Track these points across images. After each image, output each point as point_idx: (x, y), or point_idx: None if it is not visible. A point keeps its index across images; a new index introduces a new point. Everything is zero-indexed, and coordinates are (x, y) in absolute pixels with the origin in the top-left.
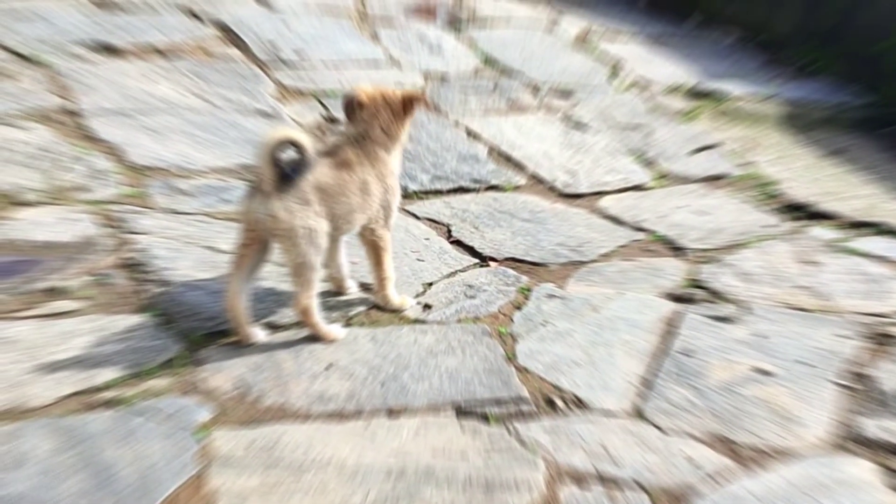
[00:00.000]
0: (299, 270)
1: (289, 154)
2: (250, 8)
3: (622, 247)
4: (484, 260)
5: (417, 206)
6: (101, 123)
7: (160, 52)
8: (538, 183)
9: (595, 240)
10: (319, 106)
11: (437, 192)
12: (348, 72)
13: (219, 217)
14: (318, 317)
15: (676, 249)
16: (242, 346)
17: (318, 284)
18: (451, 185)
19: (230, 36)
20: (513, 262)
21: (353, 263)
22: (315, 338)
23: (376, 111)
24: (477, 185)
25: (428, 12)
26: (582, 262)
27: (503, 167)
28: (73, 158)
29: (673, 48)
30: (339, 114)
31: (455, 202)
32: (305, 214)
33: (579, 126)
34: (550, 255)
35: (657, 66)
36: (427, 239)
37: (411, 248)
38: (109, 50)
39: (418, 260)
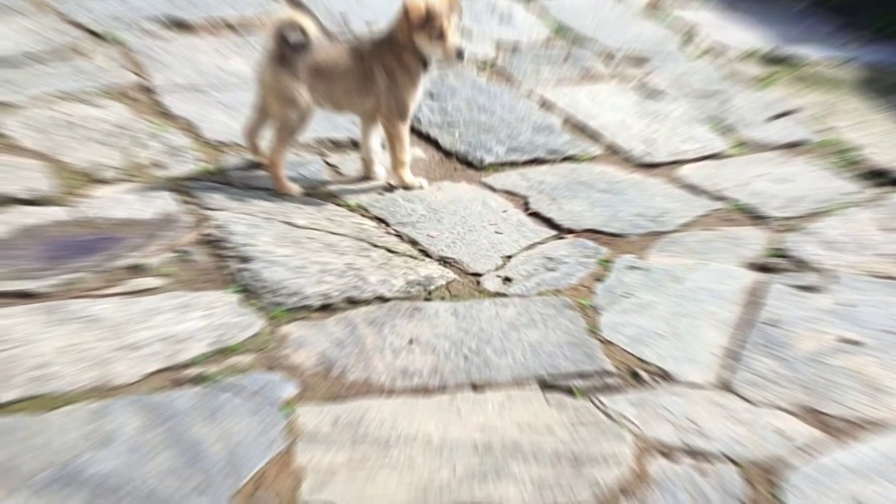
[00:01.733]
0: (279, 128)
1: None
2: None
3: (702, 216)
4: (562, 232)
5: (493, 178)
6: (175, 100)
7: (231, 26)
8: (614, 153)
9: (674, 210)
10: None
11: (513, 164)
12: None
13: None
14: (282, 171)
15: (757, 218)
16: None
17: (290, 147)
18: (526, 157)
19: (301, 8)
20: (592, 233)
21: (430, 237)
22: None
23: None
24: (553, 156)
25: None
26: (662, 233)
27: (578, 137)
28: (149, 135)
29: (746, 13)
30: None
31: (531, 173)
32: (291, 84)
33: (654, 94)
34: (629, 225)
35: (731, 31)
36: (504, 211)
37: (489, 220)
38: (181, 25)
39: (497, 233)
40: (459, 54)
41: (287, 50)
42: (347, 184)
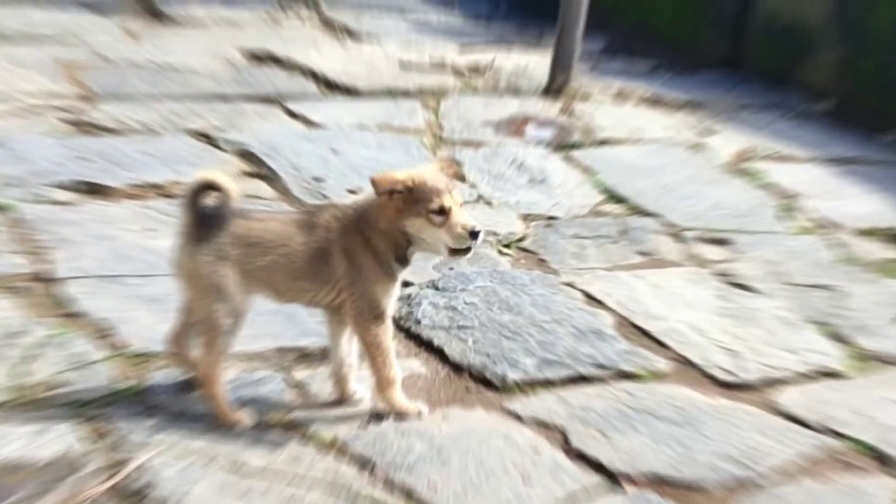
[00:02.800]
0: (202, 328)
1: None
2: (284, 127)
3: (810, 459)
4: (615, 479)
5: (521, 404)
6: (82, 292)
7: (162, 190)
8: (688, 368)
9: (770, 449)
10: None
11: (548, 384)
12: None
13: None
14: (221, 391)
15: (888, 463)
16: None
17: (226, 356)
18: (565, 373)
19: (257, 166)
20: (657, 482)
21: (431, 488)
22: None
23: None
24: (602, 373)
25: (524, 130)
26: (754, 483)
27: (638, 346)
28: (45, 342)
29: (865, 176)
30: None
31: (572, 397)
32: (214, 266)
33: (742, 286)
34: (708, 471)
35: (846, 200)
36: (535, 450)
37: (513, 462)
38: (94, 190)
39: (524, 483)
40: (474, 235)
41: (203, 222)
42: (319, 410)
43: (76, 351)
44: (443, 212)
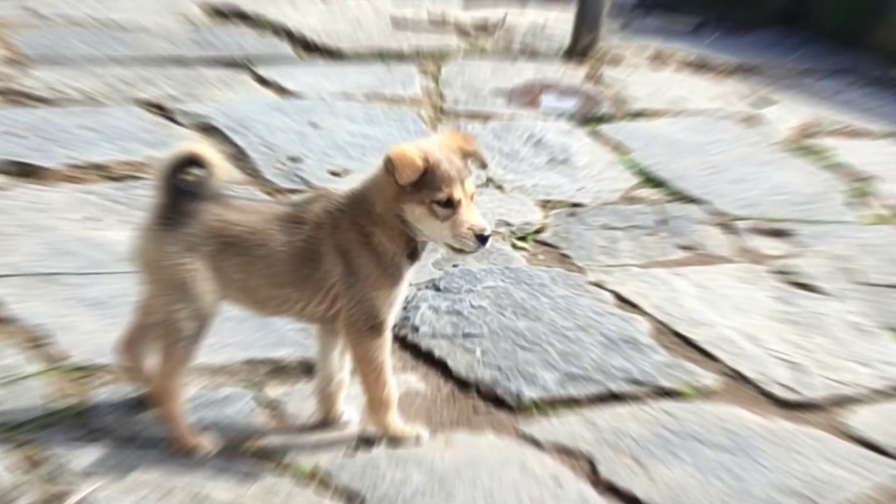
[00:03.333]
0: (160, 331)
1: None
2: (253, 97)
3: (886, 491)
4: None
5: (539, 427)
6: (12, 293)
7: (106, 172)
8: (740, 384)
9: (839, 480)
10: None
11: (572, 402)
12: None
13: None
14: (180, 410)
15: None
16: None
17: (186, 367)
18: (593, 390)
19: (221, 143)
20: None
21: None
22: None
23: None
24: (637, 390)
25: (542, 100)
26: None
27: (680, 357)
28: None
29: None
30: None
31: (601, 418)
32: (181, 258)
33: (805, 286)
34: None
35: None
36: (556, 482)
37: (530, 497)
38: (26, 172)
39: None
40: (482, 239)
41: (178, 203)
42: (297, 434)
43: (4, 364)
44: (450, 204)
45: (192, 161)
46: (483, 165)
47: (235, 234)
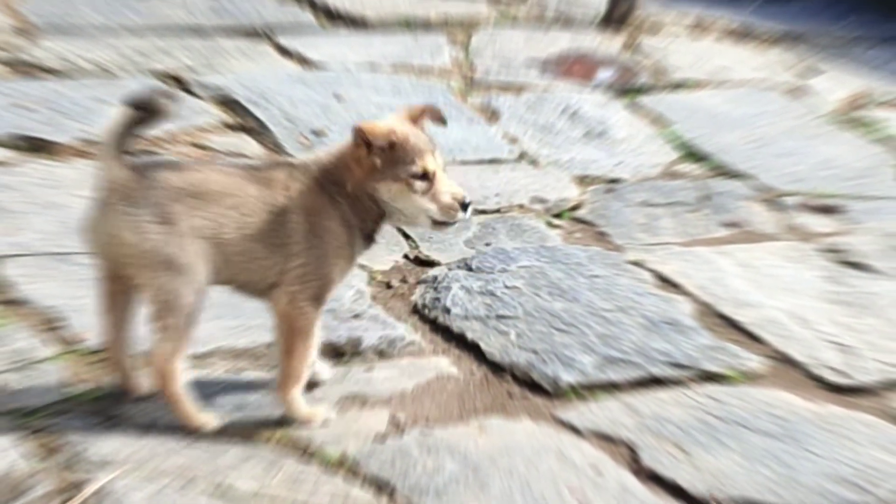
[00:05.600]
0: (160, 313)
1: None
2: (274, 68)
3: None
4: None
5: (577, 413)
6: (24, 274)
7: None
8: (788, 368)
9: (892, 467)
10: (403, 241)
11: (611, 387)
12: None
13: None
14: (181, 387)
15: None
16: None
17: (189, 344)
18: (633, 374)
19: (241, 117)
20: None
21: None
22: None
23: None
24: (680, 374)
25: (582, 70)
26: None
27: (725, 340)
28: None
29: None
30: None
31: (643, 404)
32: (164, 234)
33: (856, 264)
34: (815, 495)
35: None
36: (596, 470)
37: (568, 486)
38: (37, 147)
39: None
40: (464, 206)
41: (137, 175)
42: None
43: (17, 347)
44: (426, 177)
45: (142, 109)
46: (442, 122)
47: (204, 190)
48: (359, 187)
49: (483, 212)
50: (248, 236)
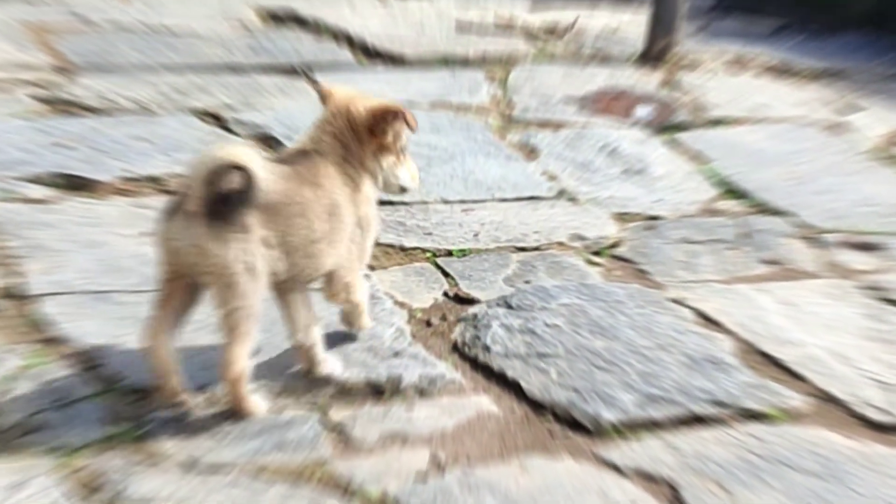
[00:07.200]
0: (235, 321)
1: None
2: (312, 105)
3: None
4: None
5: (619, 451)
6: (64, 312)
7: (160, 185)
8: (830, 406)
9: None
10: (442, 278)
11: (652, 425)
12: (484, 214)
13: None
14: (247, 389)
15: None
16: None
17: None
18: (675, 412)
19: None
20: None
21: None
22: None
23: (341, 123)
24: (721, 412)
25: (621, 107)
26: None
27: (766, 378)
28: (17, 376)
29: None
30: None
31: (684, 442)
32: (245, 244)
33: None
34: None
35: None
36: None
37: None
38: (76, 185)
39: None
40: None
41: (223, 196)
42: (363, 459)
43: (58, 386)
44: (404, 151)
45: (233, 169)
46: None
47: (286, 200)
48: (373, 160)
49: (522, 249)
50: (314, 240)
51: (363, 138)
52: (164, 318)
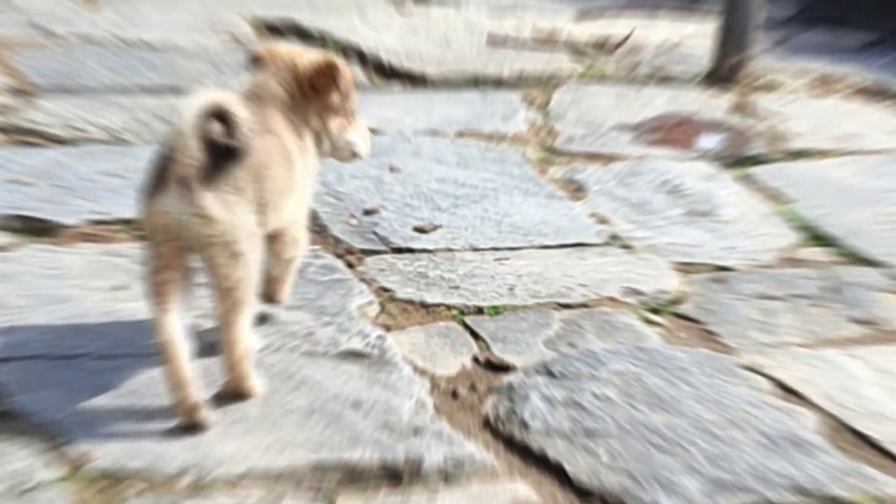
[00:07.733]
0: (240, 295)
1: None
2: None
3: None
4: None
5: None
6: (21, 381)
7: (135, 228)
8: None
9: None
10: (471, 341)
11: None
12: (521, 264)
13: None
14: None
15: None
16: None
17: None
18: (748, 500)
19: None
20: None
21: None
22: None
23: (286, 75)
24: (803, 501)
25: (684, 136)
26: None
27: (858, 460)
28: None
29: None
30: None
31: None
32: (243, 206)
33: None
34: None
35: None
36: None
37: None
38: (37, 229)
39: None
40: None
41: (216, 158)
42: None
43: (14, 469)
44: (353, 113)
45: (216, 114)
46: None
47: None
48: (317, 119)
49: (567, 306)
50: (280, 192)
51: (307, 94)
52: (172, 310)
